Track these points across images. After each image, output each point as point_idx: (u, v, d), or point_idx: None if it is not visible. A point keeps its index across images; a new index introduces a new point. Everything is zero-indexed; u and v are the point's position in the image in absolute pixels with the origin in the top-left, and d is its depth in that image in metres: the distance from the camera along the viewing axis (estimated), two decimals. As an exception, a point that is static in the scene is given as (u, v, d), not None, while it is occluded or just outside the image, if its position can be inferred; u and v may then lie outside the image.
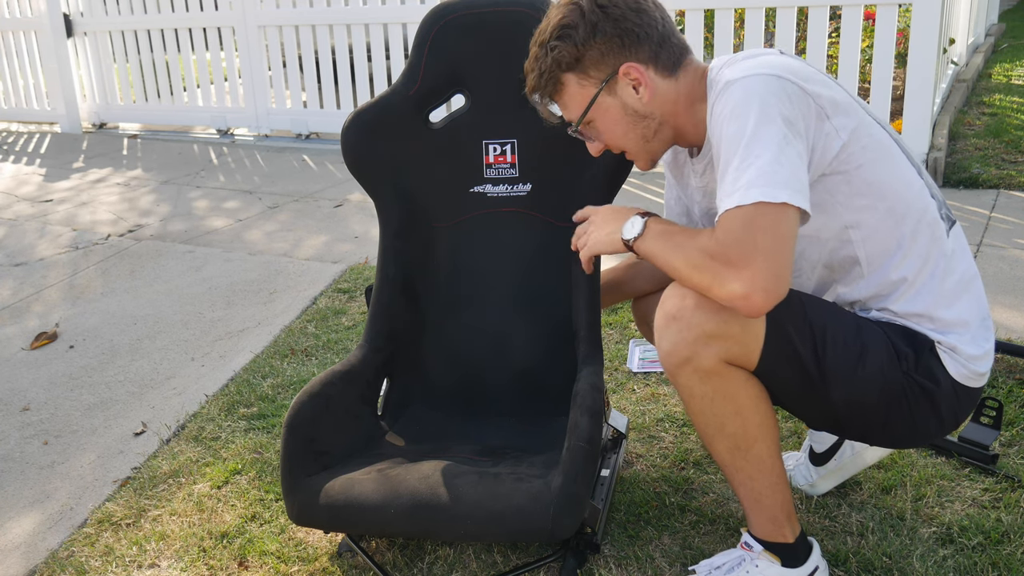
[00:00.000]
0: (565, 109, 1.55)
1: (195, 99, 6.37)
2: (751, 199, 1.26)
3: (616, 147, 1.56)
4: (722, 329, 1.37)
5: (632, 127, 1.52)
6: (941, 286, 1.46)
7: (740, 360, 1.41)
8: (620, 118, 1.51)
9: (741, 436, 1.46)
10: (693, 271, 1.34)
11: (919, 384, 1.44)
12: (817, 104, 1.36)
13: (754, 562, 1.54)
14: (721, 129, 1.36)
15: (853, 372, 1.42)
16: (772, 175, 1.27)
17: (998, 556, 1.66)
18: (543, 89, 1.53)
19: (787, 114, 1.32)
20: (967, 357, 1.46)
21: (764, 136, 1.30)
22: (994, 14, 8.89)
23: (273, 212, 4.34)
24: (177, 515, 1.98)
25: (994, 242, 3.27)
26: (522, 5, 1.86)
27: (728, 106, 1.35)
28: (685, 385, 1.44)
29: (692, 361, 1.40)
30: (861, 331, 1.44)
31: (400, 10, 5.26)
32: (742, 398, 1.44)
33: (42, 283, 3.58)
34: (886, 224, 1.44)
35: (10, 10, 6.90)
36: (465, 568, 1.73)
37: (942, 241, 1.47)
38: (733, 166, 1.30)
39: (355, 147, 1.96)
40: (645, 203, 4.06)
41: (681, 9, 4.35)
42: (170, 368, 2.76)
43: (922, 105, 3.98)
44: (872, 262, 1.47)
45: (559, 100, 1.55)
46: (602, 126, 1.53)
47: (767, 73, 1.34)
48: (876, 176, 1.42)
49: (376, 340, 1.94)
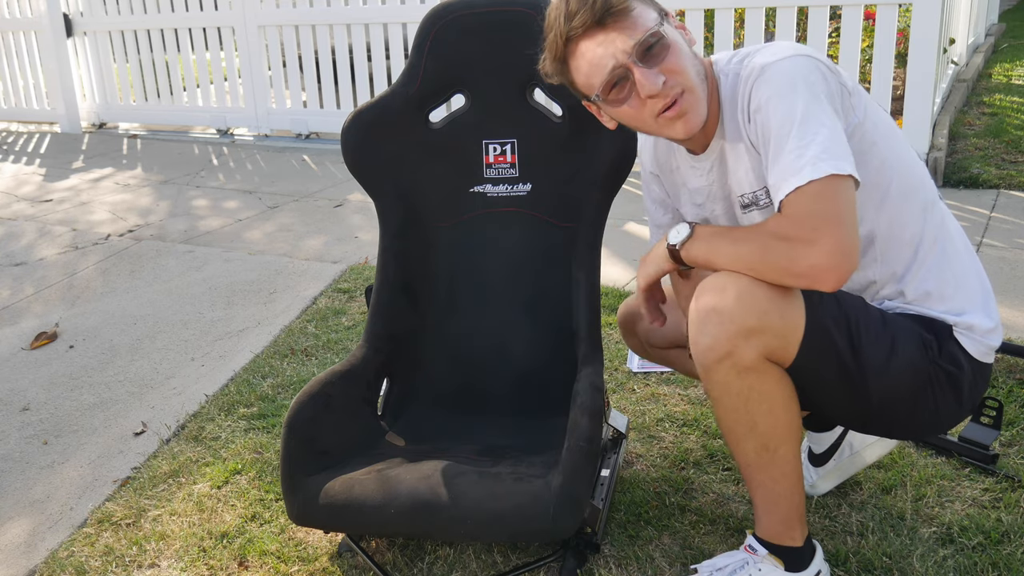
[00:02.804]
0: (636, 21, 1.37)
1: (195, 99, 6.37)
2: (822, 172, 1.28)
3: (682, 68, 1.39)
4: (763, 323, 1.36)
5: (692, 58, 1.42)
6: (948, 263, 1.48)
7: (779, 355, 1.40)
8: (683, 43, 1.42)
9: (771, 436, 1.44)
10: (765, 255, 1.33)
11: (945, 370, 1.46)
12: (840, 82, 1.40)
13: (757, 565, 1.54)
14: (767, 111, 1.36)
15: (887, 363, 1.42)
16: (835, 149, 1.30)
17: (998, 556, 1.65)
18: (613, 3, 1.36)
19: (826, 91, 1.35)
20: (983, 332, 1.47)
21: (817, 113, 1.32)
22: (994, 14, 8.89)
23: (273, 212, 4.34)
24: (177, 515, 1.98)
25: (994, 242, 3.27)
26: (522, 5, 1.86)
27: (771, 88, 1.36)
28: (721, 381, 1.41)
29: (732, 356, 1.37)
30: (888, 323, 1.45)
31: (400, 10, 5.26)
32: (776, 397, 1.42)
33: (42, 283, 3.58)
34: (897, 203, 1.46)
35: (10, 10, 6.90)
36: (465, 568, 1.73)
37: (945, 219, 1.50)
38: (791, 145, 1.31)
39: (355, 147, 1.96)
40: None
41: (681, 9, 4.35)
42: (170, 368, 2.76)
43: (922, 105, 3.98)
44: (885, 241, 1.48)
45: (629, 16, 1.37)
46: (669, 46, 1.39)
47: (800, 54, 1.37)
48: (887, 155, 1.45)
49: (376, 340, 1.94)
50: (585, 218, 1.90)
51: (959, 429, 2.00)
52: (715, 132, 1.50)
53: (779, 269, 1.32)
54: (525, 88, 1.93)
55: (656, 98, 1.39)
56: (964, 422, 2.01)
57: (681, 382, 2.38)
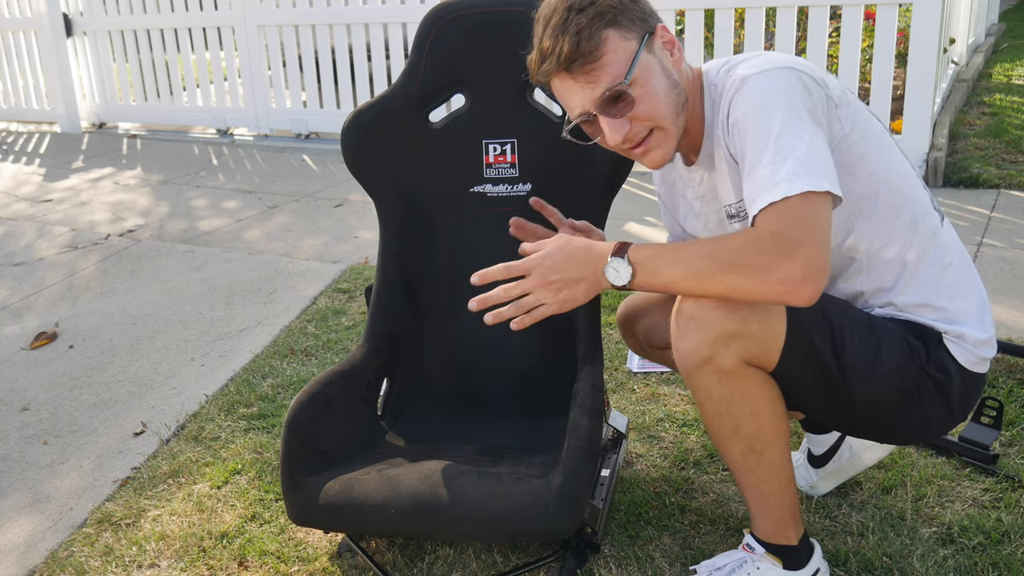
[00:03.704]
0: (604, 70, 1.36)
1: (195, 99, 6.37)
2: (797, 189, 1.26)
3: (652, 115, 1.40)
4: (742, 328, 1.36)
5: (671, 90, 1.41)
6: (941, 275, 1.47)
7: (759, 360, 1.40)
8: (661, 77, 1.40)
9: (756, 439, 1.45)
10: (728, 273, 1.28)
11: (932, 377, 1.45)
12: (827, 94, 1.38)
13: (756, 564, 1.54)
14: (745, 124, 1.34)
15: (872, 369, 1.42)
16: (812, 165, 1.28)
17: (998, 556, 1.65)
18: (581, 52, 1.35)
19: (808, 105, 1.33)
20: (974, 343, 1.46)
21: (795, 127, 1.30)
22: (994, 14, 8.89)
23: (273, 212, 4.34)
24: (177, 515, 1.98)
25: (994, 242, 3.27)
26: (522, 5, 1.86)
27: (750, 101, 1.34)
28: (703, 386, 1.42)
29: (712, 361, 1.38)
30: (874, 327, 1.44)
31: (400, 10, 5.26)
32: (759, 400, 1.42)
33: (42, 283, 3.58)
34: (886, 216, 1.45)
35: (10, 10, 6.90)
36: (465, 568, 1.73)
37: (937, 231, 1.49)
38: (766, 159, 1.29)
39: (355, 147, 1.96)
40: (645, 203, 4.06)
41: (681, 9, 4.35)
42: (170, 368, 2.76)
43: (922, 105, 3.98)
44: (872, 254, 1.47)
45: (598, 62, 1.36)
46: (645, 86, 1.38)
47: (783, 67, 1.35)
48: (876, 167, 1.43)
49: (376, 340, 1.94)
50: (585, 218, 1.89)
51: (959, 429, 2.00)
52: (703, 144, 1.50)
53: (742, 288, 1.28)
54: (525, 88, 1.93)
55: (620, 144, 1.41)
56: (964, 422, 2.01)
57: (681, 382, 2.38)
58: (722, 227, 1.57)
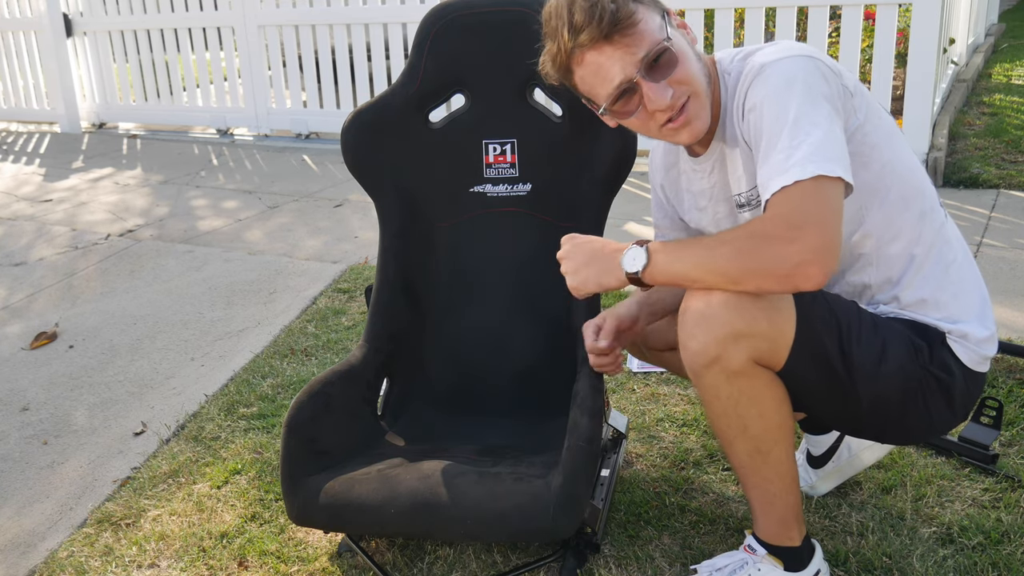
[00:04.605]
0: (643, 34, 1.36)
1: (195, 99, 6.37)
2: (810, 173, 1.26)
3: (690, 78, 1.39)
4: (751, 327, 1.35)
5: (697, 60, 1.42)
6: (946, 271, 1.47)
7: (768, 359, 1.39)
8: (688, 47, 1.41)
9: (762, 439, 1.45)
10: (743, 259, 1.29)
11: (935, 376, 1.45)
12: (842, 83, 1.38)
13: (756, 565, 1.54)
14: (761, 110, 1.35)
15: (877, 368, 1.42)
16: (826, 151, 1.28)
17: (998, 556, 1.65)
18: (621, 16, 1.34)
19: (826, 92, 1.34)
20: (977, 341, 1.47)
21: (811, 113, 1.30)
22: (994, 14, 8.89)
23: (273, 212, 4.34)
24: (177, 515, 1.98)
25: (994, 242, 3.27)
26: (522, 5, 1.86)
27: (768, 87, 1.35)
28: (711, 385, 1.41)
29: (721, 361, 1.37)
30: (879, 327, 1.45)
31: (400, 10, 5.26)
32: (767, 400, 1.42)
33: (41, 283, 3.58)
34: (896, 208, 1.45)
35: (10, 10, 6.90)
36: (465, 568, 1.73)
37: (943, 226, 1.49)
38: (782, 145, 1.30)
39: (355, 147, 1.96)
40: (645, 203, 4.06)
41: (681, 9, 4.34)
42: (170, 368, 2.76)
43: (922, 105, 3.98)
44: (881, 247, 1.47)
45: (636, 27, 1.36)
46: (677, 53, 1.38)
47: (801, 54, 1.35)
48: (889, 157, 1.44)
49: (376, 340, 1.94)
50: (585, 218, 1.90)
51: (959, 429, 2.00)
52: (715, 133, 1.50)
53: (757, 273, 1.29)
54: (525, 88, 1.93)
55: (664, 111, 1.40)
56: (964, 422, 2.01)
57: (681, 382, 2.38)
58: (731, 218, 1.57)
